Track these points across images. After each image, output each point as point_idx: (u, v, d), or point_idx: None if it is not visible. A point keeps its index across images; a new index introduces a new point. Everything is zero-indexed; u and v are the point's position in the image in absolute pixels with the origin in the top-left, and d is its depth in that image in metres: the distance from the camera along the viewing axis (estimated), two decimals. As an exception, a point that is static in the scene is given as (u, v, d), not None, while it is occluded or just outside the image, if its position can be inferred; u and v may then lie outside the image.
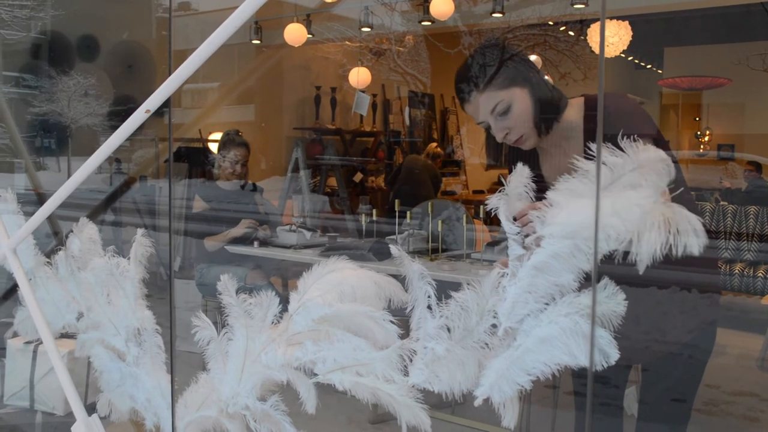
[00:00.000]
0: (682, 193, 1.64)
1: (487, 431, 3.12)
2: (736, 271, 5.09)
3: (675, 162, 1.68)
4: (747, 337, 4.39)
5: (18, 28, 5.35)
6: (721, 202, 5.91)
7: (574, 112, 1.72)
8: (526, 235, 1.07)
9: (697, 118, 8.64)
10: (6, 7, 5.25)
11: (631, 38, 5.33)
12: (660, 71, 8.48)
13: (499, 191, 1.11)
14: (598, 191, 1.05)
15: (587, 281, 1.03)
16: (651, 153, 0.99)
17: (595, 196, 1.01)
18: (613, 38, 5.26)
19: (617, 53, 5.48)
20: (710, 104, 8.48)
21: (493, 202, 1.10)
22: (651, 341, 1.73)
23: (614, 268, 1.03)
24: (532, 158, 1.80)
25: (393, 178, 7.41)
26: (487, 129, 1.74)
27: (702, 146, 8.43)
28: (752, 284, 5.00)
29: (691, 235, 0.94)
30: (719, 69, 7.58)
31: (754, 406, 3.55)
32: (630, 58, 8.13)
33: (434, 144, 7.70)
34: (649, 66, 8.64)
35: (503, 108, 1.66)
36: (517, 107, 1.66)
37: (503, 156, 1.85)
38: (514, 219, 1.10)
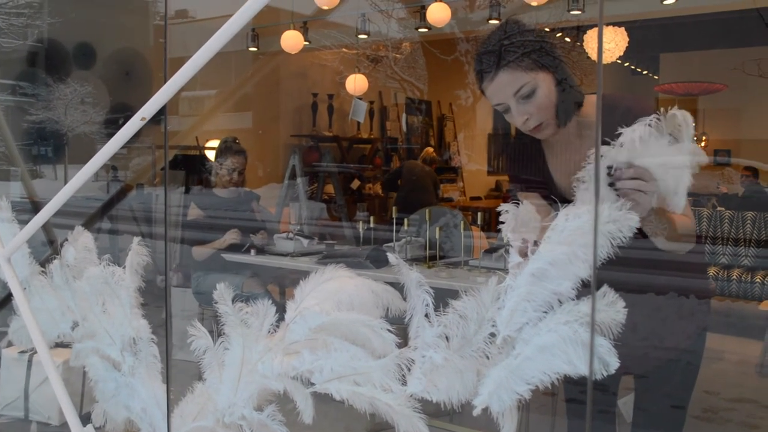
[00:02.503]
0: None
1: (486, 439, 3.10)
2: (734, 276, 5.08)
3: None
4: (745, 342, 4.38)
5: (14, 35, 5.35)
6: (718, 208, 5.91)
7: (590, 108, 1.67)
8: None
9: (694, 124, 8.65)
10: (2, 14, 5.24)
11: (627, 44, 5.33)
12: (656, 77, 8.51)
13: (512, 201, 1.11)
14: (597, 197, 1.04)
15: (585, 288, 1.03)
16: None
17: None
18: (610, 44, 5.27)
19: (613, 59, 5.49)
20: (706, 109, 8.49)
21: (505, 210, 1.10)
22: (645, 348, 1.73)
23: (611, 274, 1.03)
24: (537, 157, 1.77)
25: (390, 181, 7.41)
26: (504, 112, 1.65)
27: (699, 152, 8.43)
28: (750, 290, 4.99)
29: None
30: (715, 74, 7.60)
31: (754, 412, 3.53)
32: (626, 64, 8.15)
33: (431, 149, 7.71)
34: (645, 72, 8.66)
35: (528, 90, 1.57)
36: (542, 92, 1.58)
37: (507, 155, 1.82)
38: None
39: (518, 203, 1.13)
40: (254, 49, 6.37)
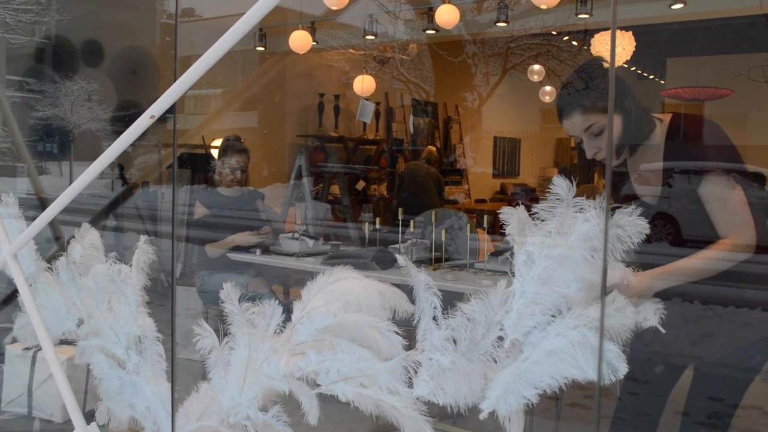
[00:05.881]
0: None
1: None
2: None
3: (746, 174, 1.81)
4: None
5: (22, 32, 5.36)
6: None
7: (658, 132, 1.87)
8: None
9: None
10: (11, 11, 5.25)
11: (634, 48, 5.32)
12: (662, 82, 8.48)
13: (515, 205, 1.14)
14: (606, 201, 1.03)
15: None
16: None
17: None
18: (617, 48, 5.25)
19: (620, 63, 5.47)
20: (712, 115, 8.46)
21: (507, 213, 1.13)
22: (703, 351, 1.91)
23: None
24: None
25: (397, 187, 7.40)
26: (579, 142, 1.89)
27: (705, 157, 8.41)
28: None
29: None
30: (721, 80, 7.58)
31: (758, 419, 3.52)
32: (633, 69, 8.13)
33: (432, 147, 7.68)
34: (651, 76, 8.64)
35: (597, 129, 1.81)
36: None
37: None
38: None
39: (517, 206, 1.15)
40: (261, 48, 6.37)
